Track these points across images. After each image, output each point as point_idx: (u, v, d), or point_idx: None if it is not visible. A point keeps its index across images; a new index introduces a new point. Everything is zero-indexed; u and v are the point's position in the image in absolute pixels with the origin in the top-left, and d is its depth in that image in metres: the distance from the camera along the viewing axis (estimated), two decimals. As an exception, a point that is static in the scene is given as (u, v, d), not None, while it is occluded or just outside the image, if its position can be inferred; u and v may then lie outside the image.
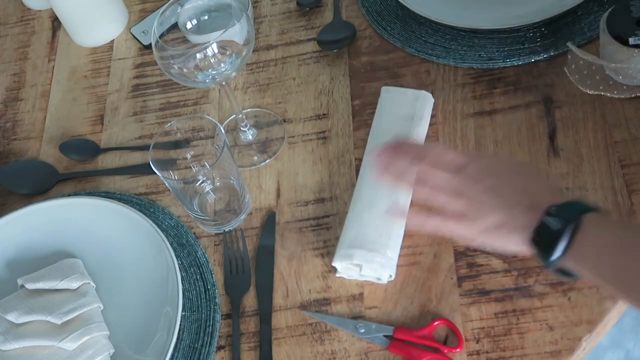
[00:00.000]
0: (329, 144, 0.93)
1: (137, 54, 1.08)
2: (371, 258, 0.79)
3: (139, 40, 1.09)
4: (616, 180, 0.83)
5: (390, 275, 0.81)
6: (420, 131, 0.88)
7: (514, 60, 0.92)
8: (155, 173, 0.81)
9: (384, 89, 0.93)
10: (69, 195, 0.95)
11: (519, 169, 0.74)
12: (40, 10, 1.17)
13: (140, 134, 1.00)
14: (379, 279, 0.81)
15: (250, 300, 0.84)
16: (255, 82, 1.01)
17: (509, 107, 0.91)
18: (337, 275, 0.83)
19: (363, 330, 0.79)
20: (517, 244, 0.69)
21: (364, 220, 0.82)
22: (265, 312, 0.82)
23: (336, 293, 0.82)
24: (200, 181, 0.88)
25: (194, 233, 0.89)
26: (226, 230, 0.88)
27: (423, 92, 0.91)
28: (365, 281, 0.82)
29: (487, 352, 0.76)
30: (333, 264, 0.81)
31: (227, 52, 0.81)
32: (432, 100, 0.91)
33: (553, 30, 0.93)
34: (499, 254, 0.80)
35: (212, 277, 0.85)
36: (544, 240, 0.65)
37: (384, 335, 0.78)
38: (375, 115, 0.91)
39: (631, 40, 0.83)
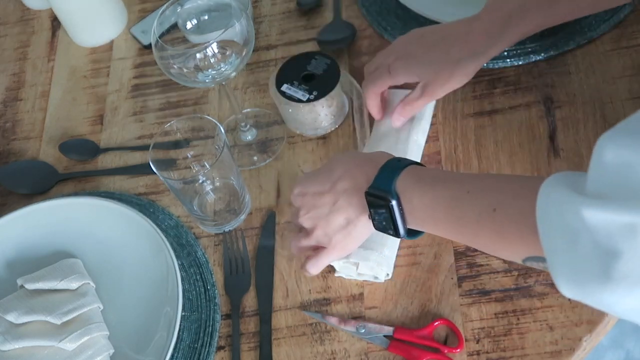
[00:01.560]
0: (329, 144, 0.93)
1: (136, 54, 1.08)
2: (367, 256, 0.79)
3: (138, 40, 1.09)
4: (616, 180, 0.82)
5: (387, 274, 0.81)
6: (421, 131, 0.88)
7: (514, 60, 0.92)
8: (155, 173, 0.81)
9: (384, 89, 0.92)
10: (69, 195, 0.95)
11: (339, 162, 0.77)
12: (40, 10, 1.17)
13: (140, 134, 1.00)
14: (376, 277, 0.81)
15: (250, 300, 0.84)
16: (255, 82, 1.01)
17: (509, 107, 0.91)
18: (336, 274, 0.82)
19: (363, 330, 0.79)
20: (368, 231, 0.75)
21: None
22: (265, 312, 0.82)
23: (336, 293, 0.82)
24: (200, 181, 0.88)
25: (194, 233, 0.89)
26: (226, 230, 0.88)
27: (423, 92, 0.91)
28: (365, 281, 0.82)
29: (487, 352, 0.76)
30: (331, 263, 0.81)
31: (227, 52, 0.81)
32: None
33: (553, 30, 0.93)
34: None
35: (212, 277, 0.85)
36: (384, 224, 0.71)
37: (384, 336, 0.78)
38: (375, 115, 0.91)
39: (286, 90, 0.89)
